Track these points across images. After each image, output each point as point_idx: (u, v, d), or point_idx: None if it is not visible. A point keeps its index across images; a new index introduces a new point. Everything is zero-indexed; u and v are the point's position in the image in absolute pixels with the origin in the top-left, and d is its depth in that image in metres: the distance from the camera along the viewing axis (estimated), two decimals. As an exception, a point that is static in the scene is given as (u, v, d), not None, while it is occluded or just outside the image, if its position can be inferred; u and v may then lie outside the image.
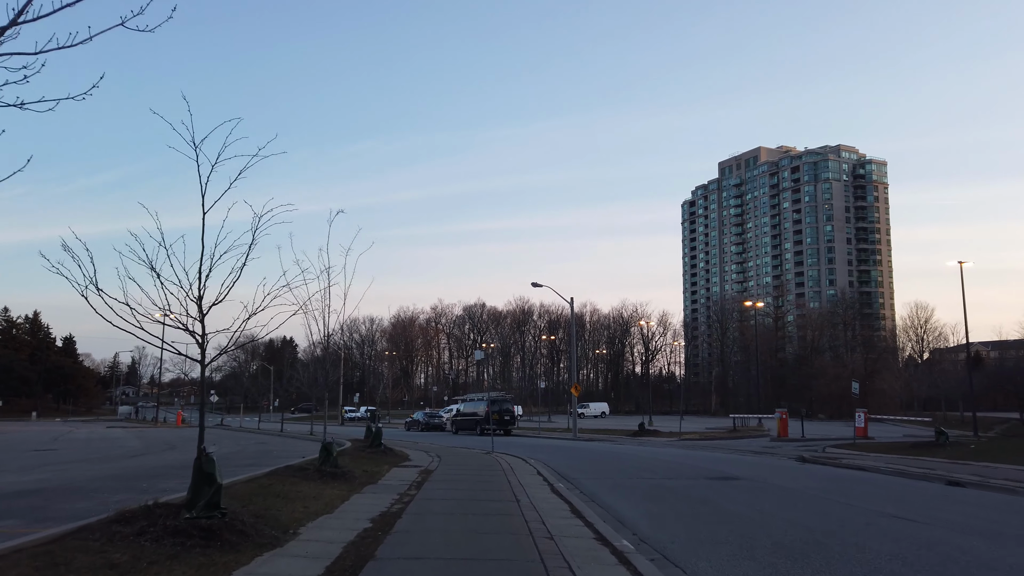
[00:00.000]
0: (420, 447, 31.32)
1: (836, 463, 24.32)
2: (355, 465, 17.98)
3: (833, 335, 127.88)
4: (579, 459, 25.95)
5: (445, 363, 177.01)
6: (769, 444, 36.15)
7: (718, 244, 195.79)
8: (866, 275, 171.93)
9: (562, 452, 29.87)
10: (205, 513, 8.01)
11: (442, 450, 28.98)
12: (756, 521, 11.57)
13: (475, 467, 20.62)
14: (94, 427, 70.04)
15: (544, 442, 39.68)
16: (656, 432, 44.88)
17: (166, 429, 64.40)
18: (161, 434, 47.33)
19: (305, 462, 16.65)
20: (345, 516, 10.45)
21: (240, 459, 22.45)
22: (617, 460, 25.60)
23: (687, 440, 40.06)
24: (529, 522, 10.37)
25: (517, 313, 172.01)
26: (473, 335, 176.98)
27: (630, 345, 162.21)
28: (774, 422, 64.26)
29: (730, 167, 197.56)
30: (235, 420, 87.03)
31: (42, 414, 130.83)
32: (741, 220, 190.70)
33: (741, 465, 23.19)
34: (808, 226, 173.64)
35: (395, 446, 29.98)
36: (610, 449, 32.45)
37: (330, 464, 15.31)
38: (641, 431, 44.47)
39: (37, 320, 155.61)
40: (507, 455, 26.33)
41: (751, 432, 47.86)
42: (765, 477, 19.03)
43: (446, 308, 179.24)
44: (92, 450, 29.68)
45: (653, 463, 23.88)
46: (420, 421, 61.91)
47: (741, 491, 15.93)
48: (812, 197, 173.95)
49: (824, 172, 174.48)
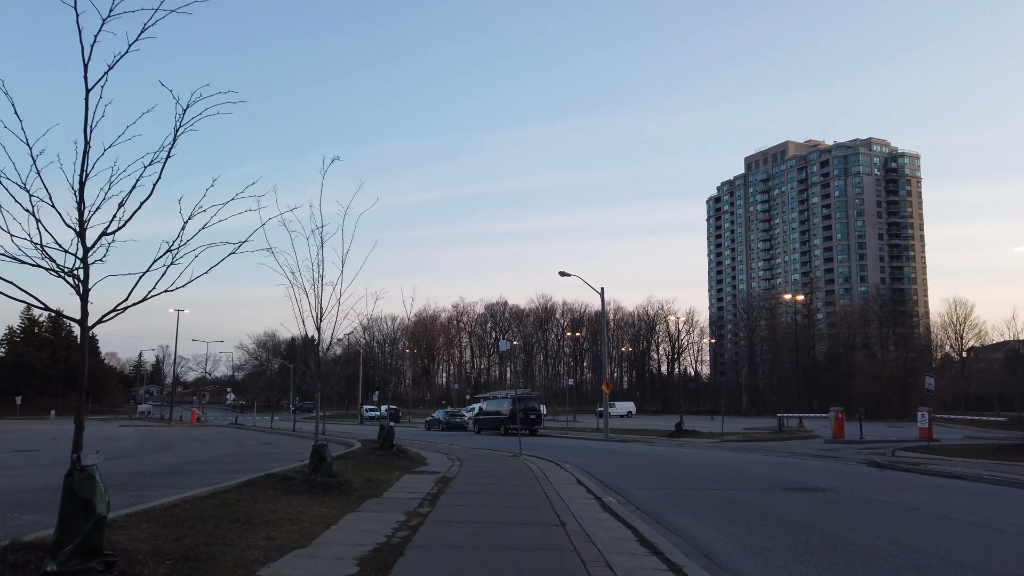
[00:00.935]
0: (439, 448, 28.22)
1: (920, 469, 20.86)
2: (358, 472, 14.89)
3: (866, 333, 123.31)
4: (619, 463, 22.73)
5: (467, 362, 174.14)
6: (825, 446, 32.64)
7: (744, 241, 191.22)
8: (899, 271, 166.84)
9: (597, 455, 26.63)
10: (76, 564, 4.92)
11: (463, 452, 25.86)
12: (904, 561, 8.28)
13: (502, 474, 17.45)
14: (106, 426, 67.77)
15: (574, 443, 36.42)
16: (694, 433, 41.43)
17: (177, 428, 61.93)
18: (167, 433, 44.66)
19: (293, 469, 13.52)
20: (323, 553, 7.28)
21: (229, 463, 19.51)
22: (664, 465, 22.31)
23: (731, 442, 36.64)
24: (588, 563, 7.17)
25: (539, 311, 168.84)
26: (495, 333, 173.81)
27: (655, 343, 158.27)
28: (815, 422, 60.77)
29: (756, 162, 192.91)
30: (251, 419, 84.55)
31: (63, 413, 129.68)
32: (768, 216, 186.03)
33: (812, 472, 19.81)
34: (838, 221, 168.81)
35: (412, 447, 26.89)
36: (650, 452, 29.14)
37: (323, 472, 12.20)
38: (678, 432, 41.06)
39: (57, 320, 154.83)
40: (537, 458, 23.18)
41: (796, 433, 44.25)
42: (853, 488, 15.68)
43: (467, 306, 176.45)
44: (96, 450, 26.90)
45: (707, 469, 20.58)
46: (441, 420, 58.89)
47: (838, 508, 12.64)
48: (842, 191, 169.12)
49: (855, 166, 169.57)
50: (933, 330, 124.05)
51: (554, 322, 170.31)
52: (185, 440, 34.32)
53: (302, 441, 34.80)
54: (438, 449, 27.67)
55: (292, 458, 20.02)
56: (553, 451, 27.98)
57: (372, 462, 17.37)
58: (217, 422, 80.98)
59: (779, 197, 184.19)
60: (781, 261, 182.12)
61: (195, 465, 18.61)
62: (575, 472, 18.38)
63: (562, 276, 40.78)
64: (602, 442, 37.81)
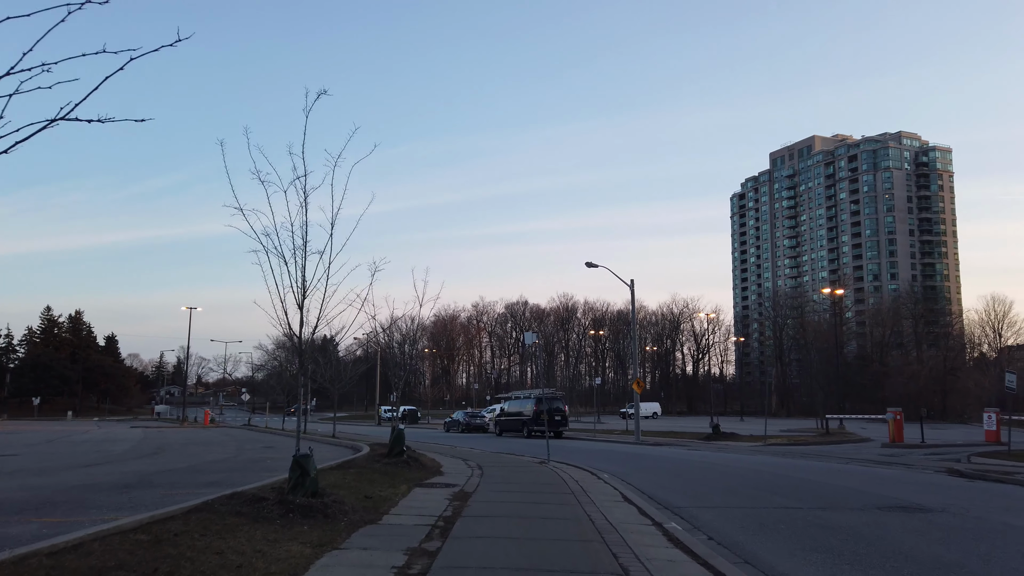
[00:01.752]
0: (457, 453, 25.47)
1: (1018, 480, 17.79)
2: (356, 486, 12.13)
3: (899, 331, 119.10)
4: (662, 472, 19.82)
5: (487, 362, 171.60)
6: (885, 451, 29.47)
7: (770, 238, 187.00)
8: (931, 268, 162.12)
9: (634, 461, 23.74)
10: None
11: (484, 458, 23.07)
12: None
13: (531, 487, 14.63)
14: (116, 427, 65.76)
15: (604, 447, 33.49)
16: (733, 435, 38.33)
17: (186, 430, 59.67)
18: (171, 435, 42.25)
19: (269, 485, 10.68)
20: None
21: (212, 472, 16.82)
22: (716, 475, 19.35)
23: (776, 445, 33.56)
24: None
25: (561, 310, 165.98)
26: (515, 333, 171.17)
27: (679, 343, 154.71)
28: (854, 424, 57.45)
29: (782, 157, 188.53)
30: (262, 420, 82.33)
31: (81, 414, 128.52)
32: (794, 212, 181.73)
33: (895, 484, 16.79)
34: (867, 217, 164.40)
35: (427, 451, 24.15)
36: (692, 458, 26.15)
37: (305, 490, 9.41)
38: (716, 434, 37.98)
39: (79, 319, 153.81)
40: (567, 465, 20.36)
41: (843, 435, 40.96)
42: (965, 507, 12.68)
43: (487, 305, 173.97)
44: (61, 455, 24.40)
45: (769, 480, 17.62)
46: (460, 422, 56.21)
47: (969, 538, 9.72)
48: (871, 187, 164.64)
49: (884, 160, 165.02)
50: (969, 328, 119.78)
51: (575, 321, 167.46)
52: (184, 443, 31.78)
53: (312, 444, 32.19)
54: (456, 454, 24.90)
55: (287, 466, 17.39)
56: (583, 456, 25.13)
57: (377, 472, 14.59)
58: (230, 423, 78.79)
59: (805, 193, 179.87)
60: (808, 259, 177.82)
61: (170, 475, 15.97)
62: (616, 484, 15.54)
63: (589, 267, 38.00)
64: (634, 446, 34.86)
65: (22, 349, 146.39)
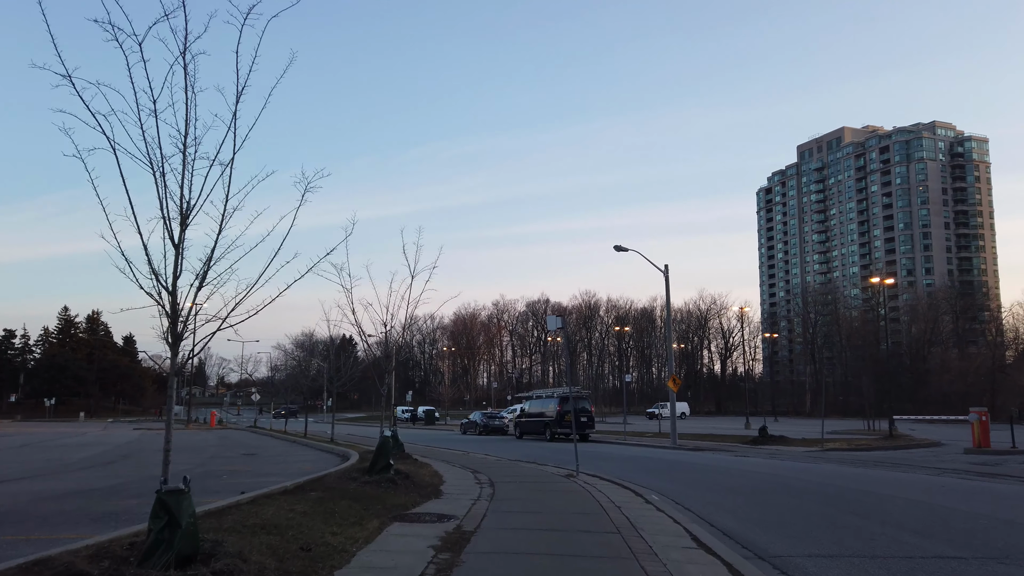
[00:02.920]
0: (468, 461, 21.42)
1: None
2: (299, 527, 8.11)
3: (938, 328, 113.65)
4: (722, 490, 15.63)
5: (508, 362, 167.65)
6: (974, 459, 24.92)
7: (798, 233, 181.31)
8: (967, 263, 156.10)
9: (681, 473, 19.55)
10: None
11: (499, 469, 19.00)
12: None
13: (557, 517, 10.52)
14: (119, 430, 62.58)
15: (638, 453, 29.26)
16: (783, 439, 33.87)
17: (189, 431, 56.25)
18: (158, 439, 38.61)
19: (112, 543, 6.50)
20: None
21: (130, 494, 12.89)
22: (793, 493, 15.06)
23: (836, 451, 29.13)
24: None
25: (583, 308, 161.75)
26: (537, 332, 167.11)
27: (706, 340, 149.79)
28: (903, 425, 52.68)
29: (810, 150, 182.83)
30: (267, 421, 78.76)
31: (97, 414, 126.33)
32: (824, 207, 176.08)
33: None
34: (900, 210, 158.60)
35: (434, 459, 20.14)
36: (746, 468, 21.86)
37: (172, 552, 5.34)
38: (764, 438, 33.57)
39: (96, 319, 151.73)
40: (601, 479, 16.27)
41: (909, 440, 36.30)
42: None
43: (508, 304, 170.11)
44: (23, 463, 20.70)
45: (874, 504, 13.34)
46: (478, 423, 52.16)
47: None
48: (904, 179, 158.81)
49: (917, 151, 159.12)
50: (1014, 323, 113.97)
51: (598, 319, 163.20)
52: (158, 449, 28.04)
53: (302, 450, 28.32)
54: (466, 463, 20.86)
55: (250, 484, 13.51)
56: (616, 465, 21.01)
57: (346, 498, 10.53)
58: (237, 424, 75.26)
59: (835, 186, 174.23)
60: (838, 254, 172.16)
61: (72, 500, 12.07)
62: (672, 512, 11.39)
63: (618, 251, 33.79)
64: (671, 451, 30.59)
65: (38, 349, 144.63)
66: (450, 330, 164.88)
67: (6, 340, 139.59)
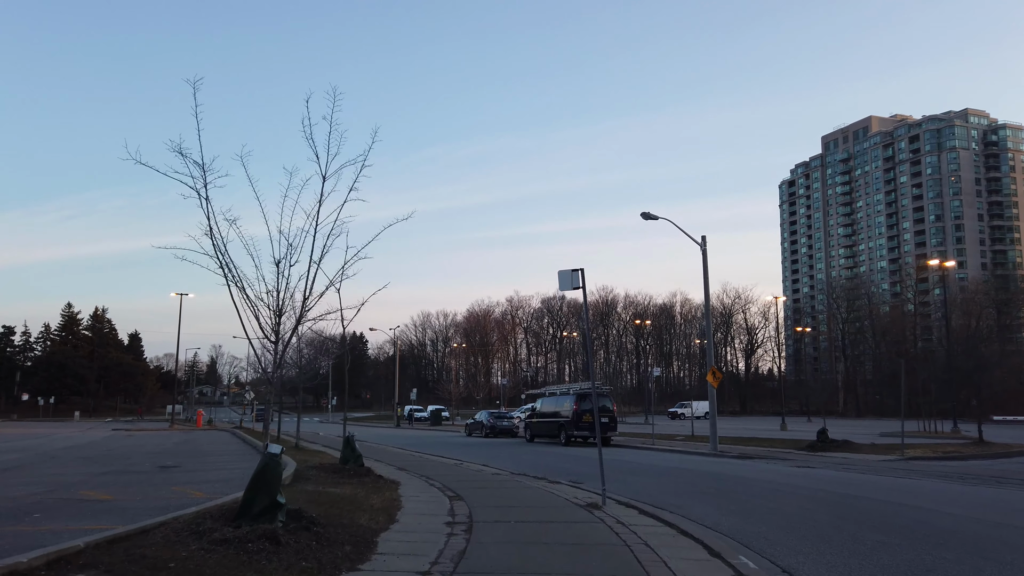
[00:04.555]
0: (455, 477, 15.91)
1: None
2: None
3: (979, 322, 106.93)
4: (848, 540, 10.08)
5: (522, 359, 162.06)
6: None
7: (823, 226, 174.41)
8: (1002, 256, 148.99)
9: (750, 498, 13.94)
10: None
11: (492, 491, 13.51)
12: None
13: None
14: (99, 430, 57.60)
15: (674, 462, 23.58)
16: (847, 444, 27.95)
17: (173, 432, 51.33)
18: (122, 441, 33.74)
19: None
20: None
21: None
22: (932, 536, 9.47)
23: (921, 460, 23.36)
24: None
25: (600, 304, 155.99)
26: (552, 328, 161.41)
27: (730, 337, 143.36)
28: (968, 427, 46.64)
29: (835, 140, 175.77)
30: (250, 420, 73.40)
31: (97, 414, 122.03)
32: (850, 199, 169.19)
33: None
34: (931, 202, 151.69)
35: (412, 472, 14.69)
36: (834, 488, 16.12)
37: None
38: (823, 443, 27.66)
39: (100, 316, 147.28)
40: (642, 513, 10.78)
41: (1007, 448, 30.07)
42: None
43: (523, 300, 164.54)
44: None
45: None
46: (484, 424, 46.59)
47: None
48: (935, 169, 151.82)
49: (949, 140, 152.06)
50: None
51: (615, 316, 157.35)
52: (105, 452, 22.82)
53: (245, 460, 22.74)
54: (452, 480, 15.33)
55: (34, 538, 8.03)
56: (653, 483, 15.50)
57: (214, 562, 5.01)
58: (226, 425, 69.85)
59: (861, 178, 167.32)
60: (865, 247, 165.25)
61: None
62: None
63: (646, 219, 28.31)
64: (714, 460, 24.93)
65: (39, 347, 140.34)
66: (463, 327, 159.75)
67: (5, 337, 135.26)
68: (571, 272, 12.08)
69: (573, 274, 12.08)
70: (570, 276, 12.12)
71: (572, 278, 12.11)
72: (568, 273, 12.09)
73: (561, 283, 12.15)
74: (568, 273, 12.09)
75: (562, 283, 12.17)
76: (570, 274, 12.10)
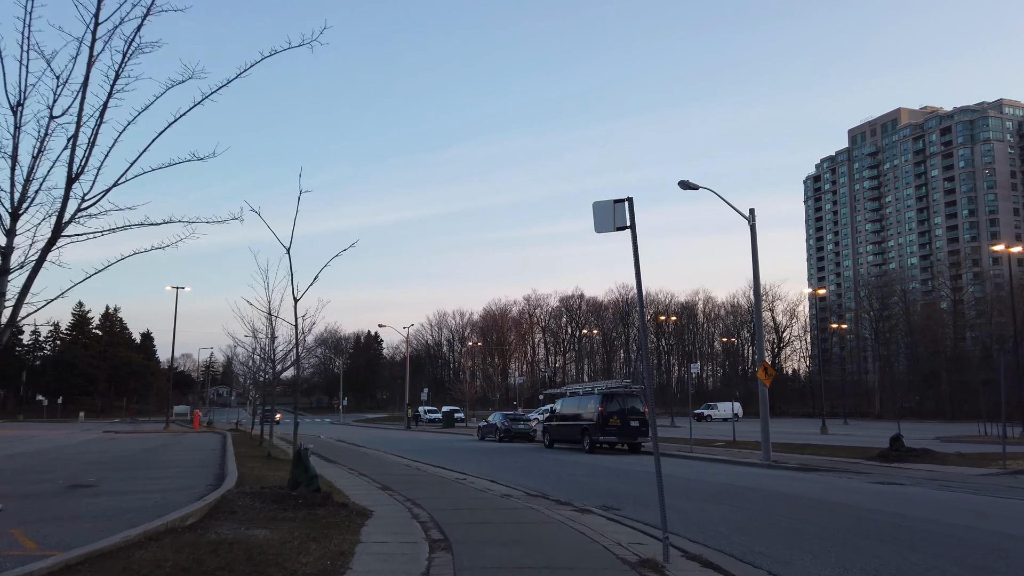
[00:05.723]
0: (449, 501, 11.77)
1: None
2: None
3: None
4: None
5: (540, 359, 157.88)
6: None
7: (850, 222, 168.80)
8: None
9: (873, 542, 9.72)
10: None
11: (495, 524, 9.39)
12: None
13: None
14: (89, 433, 54.35)
15: (724, 475, 19.28)
16: (927, 453, 23.52)
17: (161, 435, 47.81)
18: (103, 446, 30.28)
19: None
20: None
21: None
22: None
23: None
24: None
25: (620, 303, 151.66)
26: (571, 328, 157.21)
27: (752, 335, 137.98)
28: None
29: (863, 134, 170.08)
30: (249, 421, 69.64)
31: (106, 414, 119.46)
32: (878, 193, 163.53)
33: None
34: (964, 196, 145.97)
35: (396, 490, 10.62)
36: (963, 522, 11.85)
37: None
38: (897, 452, 23.23)
39: (111, 315, 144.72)
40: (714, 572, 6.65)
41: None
42: None
43: (541, 298, 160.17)
44: None
45: None
46: (498, 427, 42.42)
47: None
48: (968, 162, 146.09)
49: (983, 131, 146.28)
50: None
51: (636, 315, 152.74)
52: (38, 462, 18.94)
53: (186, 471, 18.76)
54: (453, 505, 11.23)
55: None
56: (714, 509, 11.35)
57: None
58: (225, 427, 66.17)
59: (890, 172, 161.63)
60: (894, 243, 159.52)
61: None
62: None
63: (685, 188, 24.20)
64: (769, 471, 20.64)
65: (48, 347, 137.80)
66: (479, 326, 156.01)
67: (14, 335, 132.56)
68: (613, 204, 7.86)
69: (617, 206, 7.87)
70: (612, 210, 7.90)
71: (616, 213, 7.89)
72: (608, 205, 7.88)
73: (598, 220, 7.94)
74: (608, 205, 7.88)
75: (600, 220, 7.95)
76: (612, 207, 7.88)
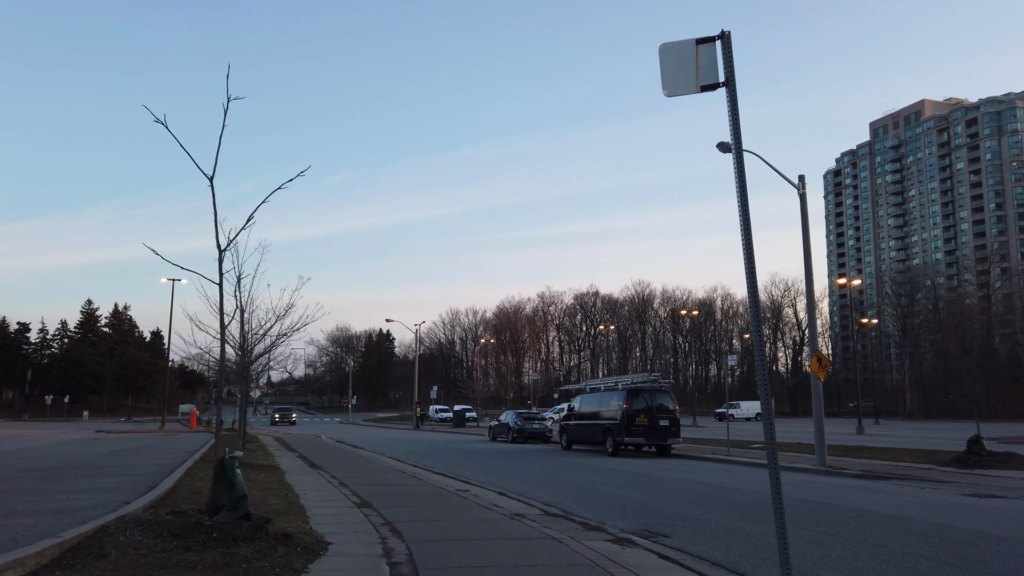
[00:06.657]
0: (439, 534, 8.57)
1: None
2: None
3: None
4: None
5: (554, 358, 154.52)
6: None
7: (871, 218, 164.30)
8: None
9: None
10: None
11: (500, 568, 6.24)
12: None
13: None
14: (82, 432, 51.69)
15: (787, 487, 15.96)
16: (1013, 459, 20.10)
17: (152, 435, 45.07)
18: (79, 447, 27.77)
19: None
20: None
21: None
22: None
23: None
24: None
25: (635, 300, 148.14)
26: (585, 326, 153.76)
27: (779, 332, 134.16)
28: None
29: (885, 127, 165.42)
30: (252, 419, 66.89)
31: (112, 413, 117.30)
32: (901, 188, 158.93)
33: None
34: (991, 189, 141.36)
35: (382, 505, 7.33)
36: None
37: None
38: (977, 456, 19.79)
39: (121, 313, 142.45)
40: None
41: None
42: None
43: (555, 296, 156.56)
44: None
45: None
46: (511, 426, 39.20)
47: None
48: (995, 154, 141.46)
49: (1010, 123, 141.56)
50: None
51: (652, 312, 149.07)
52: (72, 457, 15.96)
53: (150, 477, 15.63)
54: (444, 534, 8.08)
55: None
56: (796, 537, 8.11)
57: None
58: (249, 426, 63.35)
59: (914, 165, 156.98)
60: (918, 239, 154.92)
61: None
62: None
63: (723, 151, 20.92)
64: (830, 479, 17.32)
65: (56, 345, 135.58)
66: (492, 324, 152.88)
67: (20, 334, 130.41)
68: (696, 44, 4.56)
69: (702, 50, 4.58)
70: (694, 56, 4.62)
71: (700, 60, 4.58)
72: (687, 47, 4.58)
73: (668, 76, 4.74)
74: (687, 47, 4.58)
75: (671, 76, 4.75)
76: (693, 49, 4.61)
